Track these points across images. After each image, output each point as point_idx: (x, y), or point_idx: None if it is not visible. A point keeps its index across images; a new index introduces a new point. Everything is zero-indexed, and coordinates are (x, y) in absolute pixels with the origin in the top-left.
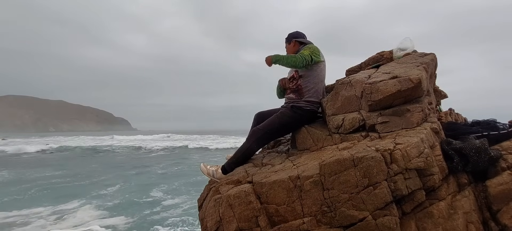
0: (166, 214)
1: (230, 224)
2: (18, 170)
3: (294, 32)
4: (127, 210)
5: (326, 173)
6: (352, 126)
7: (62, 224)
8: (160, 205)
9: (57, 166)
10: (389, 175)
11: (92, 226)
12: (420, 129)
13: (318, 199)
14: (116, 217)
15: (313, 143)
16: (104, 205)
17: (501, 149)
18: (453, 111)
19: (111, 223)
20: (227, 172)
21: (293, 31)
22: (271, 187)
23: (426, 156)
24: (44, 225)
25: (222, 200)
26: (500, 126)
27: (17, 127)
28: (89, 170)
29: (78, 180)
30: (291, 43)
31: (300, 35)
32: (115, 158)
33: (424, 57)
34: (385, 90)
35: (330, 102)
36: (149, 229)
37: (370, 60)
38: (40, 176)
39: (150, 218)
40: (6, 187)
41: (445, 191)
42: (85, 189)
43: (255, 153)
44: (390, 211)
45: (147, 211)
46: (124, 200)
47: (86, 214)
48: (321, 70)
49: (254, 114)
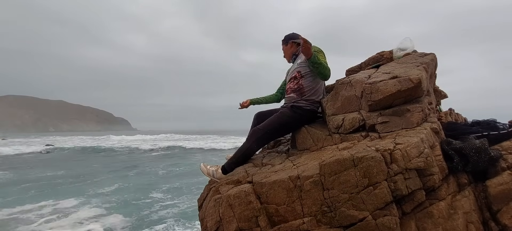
0: (165, 214)
1: (230, 224)
2: (17, 170)
3: (290, 33)
4: (126, 210)
5: (326, 173)
6: (352, 126)
7: (62, 222)
8: (159, 205)
9: (57, 165)
10: (389, 175)
11: (92, 225)
12: (420, 129)
13: (318, 199)
14: (115, 217)
15: (313, 143)
16: (103, 205)
17: (501, 149)
18: (453, 111)
19: (110, 223)
20: (227, 172)
21: (289, 33)
22: (271, 187)
23: (426, 156)
24: (44, 223)
25: (222, 200)
26: (500, 126)
27: (17, 126)
28: (89, 170)
29: (78, 179)
30: (288, 44)
31: (297, 36)
32: (115, 158)
33: (424, 57)
34: (385, 90)
35: (330, 102)
36: (148, 229)
37: (370, 60)
38: (40, 176)
39: (149, 218)
40: (7, 187)
41: (445, 191)
42: (85, 188)
43: (255, 153)
44: (390, 211)
45: (146, 211)
46: (123, 199)
47: (86, 214)
48: None
49: (254, 115)
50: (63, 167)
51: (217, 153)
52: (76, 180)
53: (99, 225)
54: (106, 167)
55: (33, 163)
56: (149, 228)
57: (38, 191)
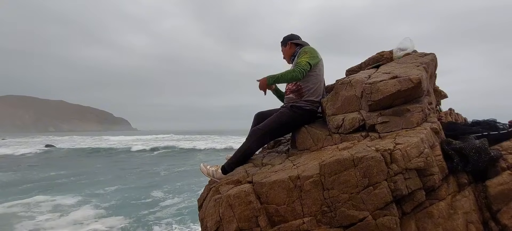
0: (166, 214)
1: (230, 224)
2: (18, 170)
3: (289, 35)
4: (126, 210)
5: (326, 173)
6: (352, 126)
7: (62, 222)
8: (159, 205)
9: (57, 165)
10: (389, 175)
11: (93, 226)
12: (420, 129)
13: (318, 199)
14: (114, 217)
15: (313, 143)
16: (103, 204)
17: (501, 149)
18: (453, 111)
19: (109, 222)
20: (227, 172)
21: (288, 34)
22: (271, 187)
23: (426, 156)
24: (45, 221)
25: (222, 200)
26: (500, 126)
27: (17, 127)
28: (89, 170)
29: (77, 179)
30: (287, 45)
31: (295, 37)
32: (115, 158)
33: (424, 57)
34: (385, 90)
35: (330, 102)
36: (148, 229)
37: (370, 60)
38: (41, 176)
39: (148, 218)
40: (7, 187)
41: (445, 191)
42: (85, 188)
43: (255, 153)
44: (390, 211)
45: (146, 211)
46: (123, 199)
47: (86, 213)
48: (319, 69)
49: (254, 114)
50: (63, 167)
51: (217, 153)
52: (76, 180)
53: (100, 225)
54: (106, 167)
55: (33, 163)
56: (149, 228)
57: (38, 190)
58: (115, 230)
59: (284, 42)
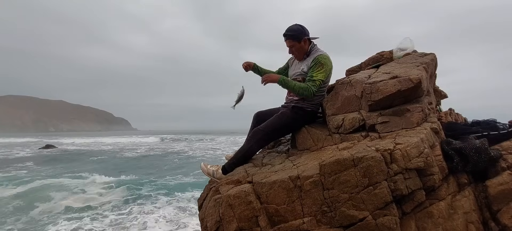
0: (166, 214)
1: (230, 224)
2: (17, 170)
3: (299, 27)
4: (126, 209)
5: (326, 173)
6: (352, 126)
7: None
8: (160, 205)
9: (57, 165)
10: (389, 175)
11: (92, 225)
12: (420, 129)
13: (318, 199)
14: (113, 216)
15: (313, 143)
16: (103, 204)
17: (501, 149)
18: (453, 111)
19: (110, 222)
20: (227, 172)
21: (297, 26)
22: (271, 187)
23: (426, 156)
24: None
25: (222, 200)
26: (500, 126)
27: (17, 127)
28: (89, 169)
29: (78, 179)
30: (301, 41)
31: (307, 31)
32: (115, 158)
33: (424, 57)
34: (385, 90)
35: (330, 102)
36: (148, 229)
37: (370, 60)
38: (41, 176)
39: (149, 218)
40: (7, 186)
41: (445, 191)
42: (84, 188)
43: (256, 153)
44: (390, 211)
45: (146, 211)
46: (123, 199)
47: (85, 213)
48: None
49: (254, 114)
50: (63, 167)
51: (217, 153)
52: (76, 180)
53: (99, 224)
54: (106, 167)
55: (33, 163)
56: (149, 228)
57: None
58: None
59: (298, 38)
